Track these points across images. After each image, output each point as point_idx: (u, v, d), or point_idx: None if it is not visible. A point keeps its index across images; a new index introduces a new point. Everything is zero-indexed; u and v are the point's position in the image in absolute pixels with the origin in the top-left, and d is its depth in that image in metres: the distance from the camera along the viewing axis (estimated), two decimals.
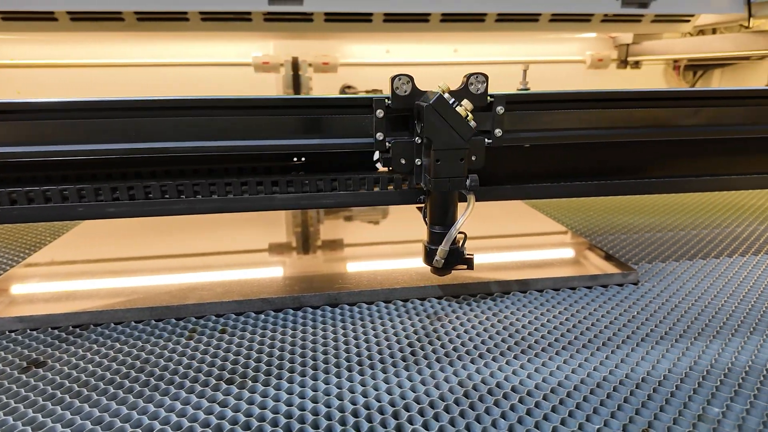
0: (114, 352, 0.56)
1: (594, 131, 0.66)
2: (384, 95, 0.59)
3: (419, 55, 1.76)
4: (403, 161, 0.61)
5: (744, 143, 0.74)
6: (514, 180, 0.69)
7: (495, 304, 0.67)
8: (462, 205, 0.62)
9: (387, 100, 0.59)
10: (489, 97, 0.60)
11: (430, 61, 1.76)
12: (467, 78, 0.58)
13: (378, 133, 0.60)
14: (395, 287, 0.68)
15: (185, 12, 1.17)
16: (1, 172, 0.60)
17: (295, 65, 1.53)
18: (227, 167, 0.65)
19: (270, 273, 0.75)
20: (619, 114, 0.65)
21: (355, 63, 1.70)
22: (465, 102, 0.57)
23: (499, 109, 0.61)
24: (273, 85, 1.63)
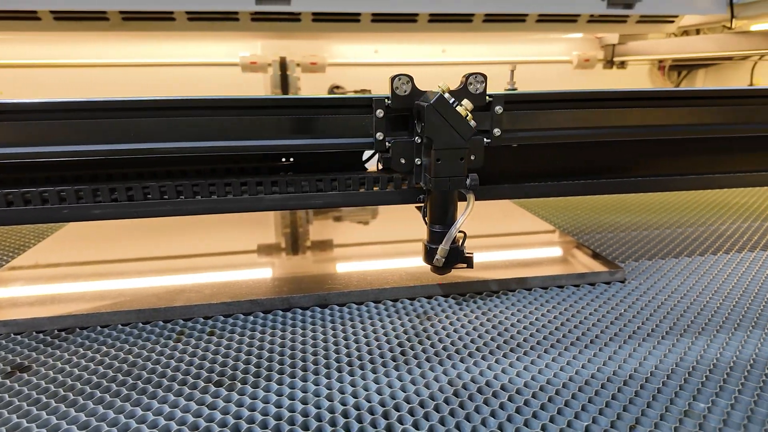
0: (100, 355, 0.55)
1: (590, 131, 0.66)
2: (383, 95, 0.59)
3: (408, 56, 1.76)
4: (403, 161, 0.62)
5: (727, 142, 0.76)
6: (504, 179, 0.70)
7: (484, 303, 0.67)
8: (461, 205, 0.62)
9: (387, 100, 0.59)
10: (488, 97, 0.60)
11: (418, 62, 1.76)
12: (466, 78, 0.58)
13: (378, 133, 0.60)
14: (385, 287, 0.68)
15: (171, 12, 1.17)
16: None
17: (283, 65, 1.52)
18: (216, 167, 0.64)
19: (259, 274, 0.74)
20: (616, 114, 0.66)
21: (344, 63, 1.70)
22: (465, 102, 0.57)
23: (498, 109, 0.61)
24: (261, 85, 1.62)
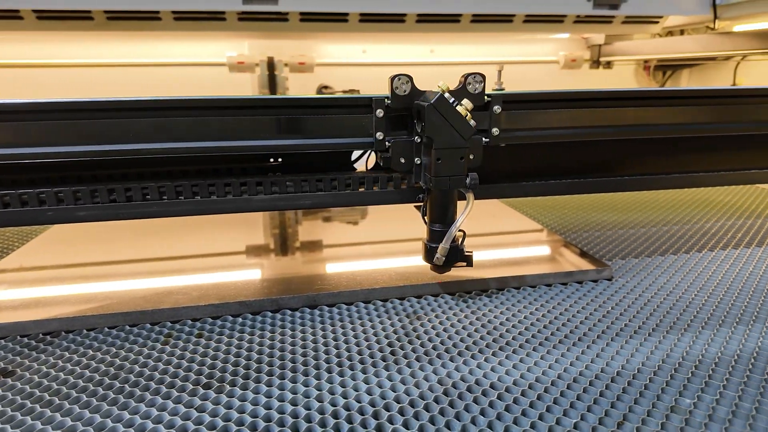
0: (86, 359, 0.54)
1: (586, 130, 0.67)
2: (383, 95, 0.59)
3: (396, 56, 1.76)
4: (403, 160, 0.62)
5: (711, 141, 0.77)
6: (498, 178, 0.70)
7: (473, 302, 0.67)
8: (461, 204, 0.63)
9: (386, 99, 0.59)
10: (486, 97, 0.61)
11: (407, 62, 1.76)
12: (465, 78, 0.59)
13: (378, 133, 0.60)
14: (374, 287, 0.68)
15: (157, 12, 1.15)
16: None
17: (271, 65, 1.52)
18: (203, 168, 0.64)
19: (247, 275, 0.74)
20: (612, 113, 0.67)
21: (332, 63, 1.70)
22: (465, 101, 0.58)
23: (496, 109, 0.61)
24: (248, 85, 1.61)
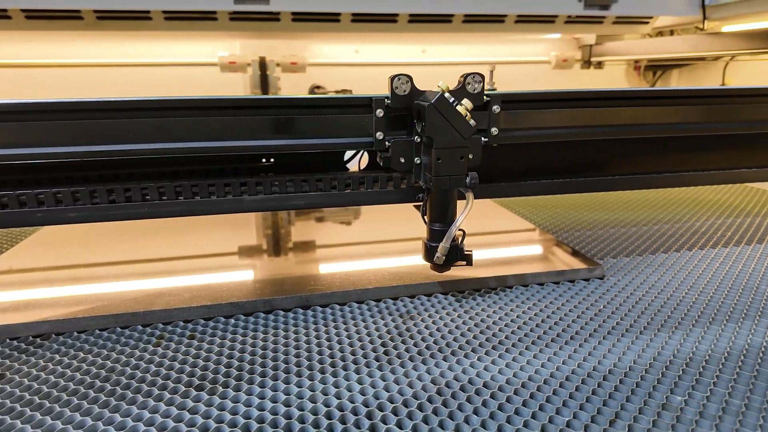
0: (77, 361, 0.54)
1: (583, 129, 0.68)
2: (383, 95, 0.60)
3: (388, 56, 1.76)
4: (402, 160, 0.62)
5: (701, 141, 0.77)
6: (493, 178, 0.71)
7: (466, 301, 0.68)
8: (460, 203, 0.63)
9: (386, 99, 0.59)
10: (485, 97, 0.61)
11: (399, 62, 1.76)
12: (464, 78, 0.59)
13: (378, 133, 0.60)
14: (368, 287, 0.68)
15: (147, 11, 1.15)
16: None
17: (263, 65, 1.51)
18: (195, 168, 0.64)
19: (240, 276, 0.74)
20: (609, 113, 0.68)
21: (324, 63, 1.69)
22: (465, 101, 0.58)
23: (496, 108, 0.62)
24: (240, 85, 1.61)
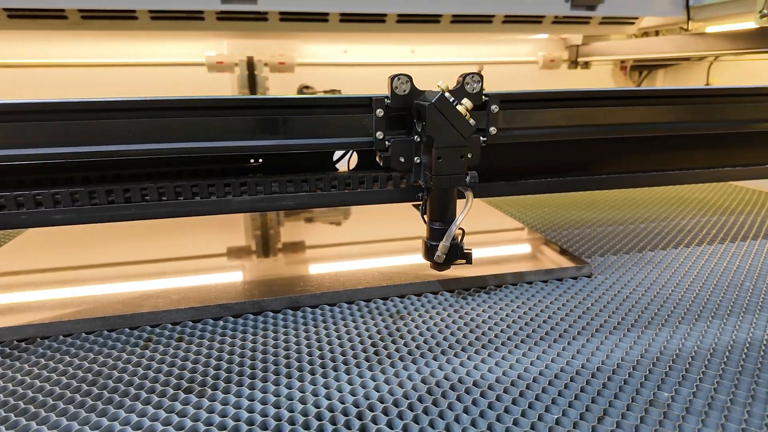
0: (63, 365, 0.53)
1: (580, 129, 0.68)
2: (383, 95, 0.60)
3: (377, 56, 1.76)
4: (402, 159, 0.62)
5: (686, 140, 0.78)
6: (491, 177, 0.71)
7: (456, 300, 0.68)
8: (460, 202, 0.63)
9: (386, 99, 0.59)
10: (484, 96, 0.61)
11: (388, 62, 1.77)
12: (463, 78, 0.59)
13: (378, 132, 0.61)
14: (357, 288, 0.68)
15: (133, 11, 1.13)
16: None
17: (251, 65, 1.50)
18: (182, 169, 0.63)
19: (229, 278, 0.73)
20: (604, 112, 0.68)
21: (313, 63, 1.69)
22: (465, 101, 0.58)
23: (494, 108, 0.62)
24: (227, 85, 1.60)
